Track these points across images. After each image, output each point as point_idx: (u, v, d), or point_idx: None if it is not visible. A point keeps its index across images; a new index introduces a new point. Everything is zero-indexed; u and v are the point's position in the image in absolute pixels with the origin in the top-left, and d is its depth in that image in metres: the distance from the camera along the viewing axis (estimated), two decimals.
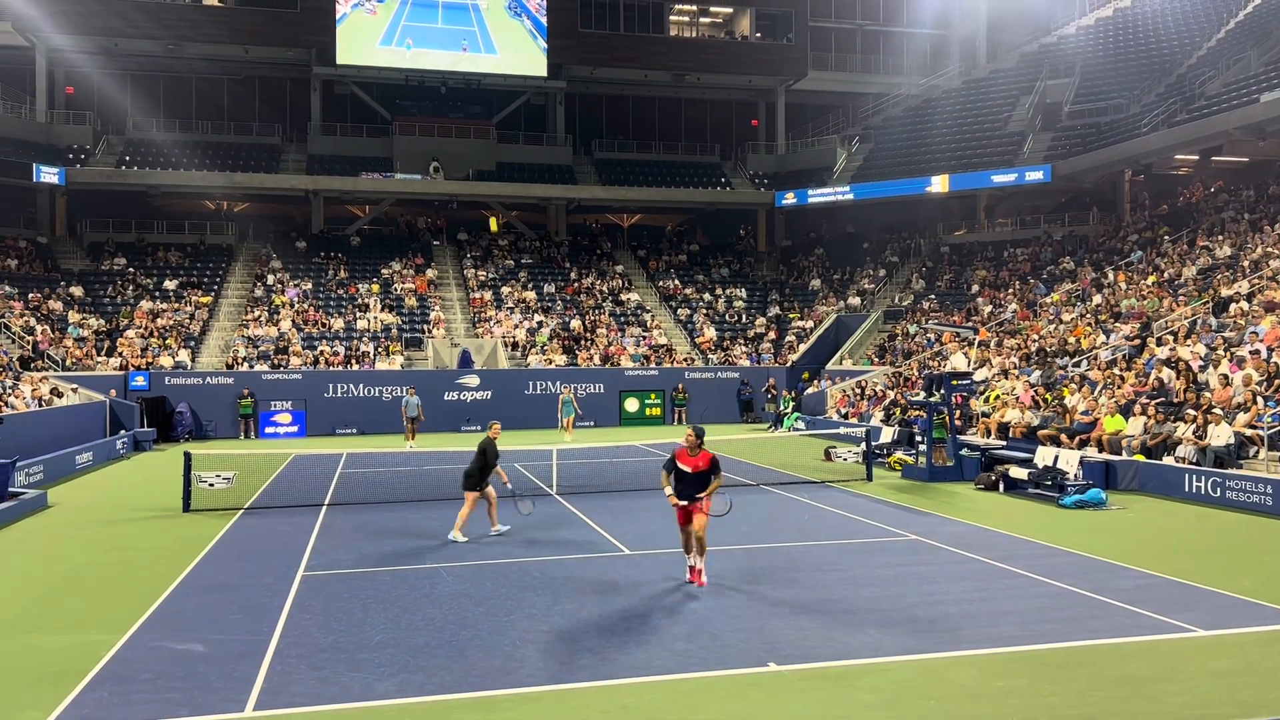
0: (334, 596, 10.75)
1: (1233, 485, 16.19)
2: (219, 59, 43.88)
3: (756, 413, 36.15)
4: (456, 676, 8.06)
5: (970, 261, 41.51)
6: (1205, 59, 39.09)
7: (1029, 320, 31.96)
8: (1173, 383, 20.54)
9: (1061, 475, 17.69)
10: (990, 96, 45.83)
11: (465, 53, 43.06)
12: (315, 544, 13.82)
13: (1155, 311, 26.77)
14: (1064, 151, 38.74)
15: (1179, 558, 12.37)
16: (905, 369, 31.52)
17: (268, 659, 8.57)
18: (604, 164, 46.96)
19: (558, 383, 33.85)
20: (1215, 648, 8.66)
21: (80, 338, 33.54)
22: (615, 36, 45.31)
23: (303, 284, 39.23)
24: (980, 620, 9.54)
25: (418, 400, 28.12)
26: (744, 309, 42.26)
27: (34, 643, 9.27)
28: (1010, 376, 26.02)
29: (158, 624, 9.78)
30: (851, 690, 7.70)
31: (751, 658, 8.44)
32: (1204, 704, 7.27)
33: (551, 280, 42.25)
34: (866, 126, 48.22)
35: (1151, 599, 10.22)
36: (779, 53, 47.39)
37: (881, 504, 17.09)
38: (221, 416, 31.66)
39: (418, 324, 37.77)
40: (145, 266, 39.33)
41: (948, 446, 20.35)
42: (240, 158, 42.73)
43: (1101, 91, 41.11)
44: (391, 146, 44.04)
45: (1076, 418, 20.85)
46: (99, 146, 41.67)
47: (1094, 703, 7.32)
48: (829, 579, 11.37)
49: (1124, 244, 35.73)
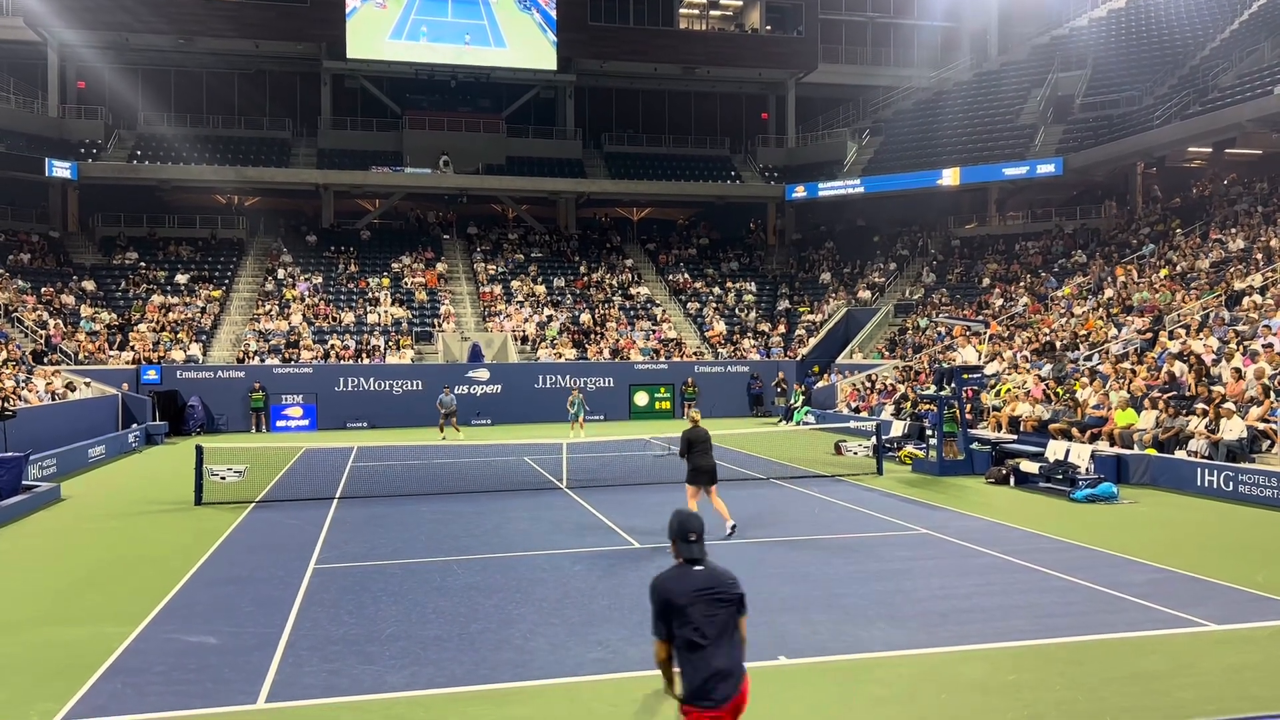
0: (345, 589, 10.79)
1: (1245, 479, 16.11)
2: (229, 54, 43.98)
3: (766, 406, 36.12)
4: (467, 669, 8.08)
5: (981, 255, 41.36)
6: (1218, 51, 38.83)
7: (1040, 314, 31.83)
8: (1185, 376, 20.43)
9: (1073, 469, 17.63)
10: (1001, 89, 45.61)
11: (470, 46, 43.00)
12: (326, 537, 13.87)
13: (1167, 305, 26.63)
14: (1076, 144, 38.55)
15: (1191, 552, 12.31)
16: (915, 363, 31.43)
17: (280, 651, 8.60)
18: (613, 157, 46.92)
19: (569, 377, 33.91)
20: (1228, 642, 8.62)
21: (92, 332, 33.69)
22: (625, 29, 45.22)
23: (313, 278, 39.33)
24: (991, 614, 9.52)
25: (453, 398, 28.94)
26: (754, 303, 42.20)
27: (48, 635, 9.33)
28: (1021, 370, 25.94)
29: (171, 616, 9.83)
30: (862, 684, 7.69)
31: (761, 651, 8.42)
32: (1216, 699, 7.24)
33: (561, 274, 42.26)
34: (877, 119, 48.06)
35: (1163, 593, 10.18)
36: (789, 45, 47.24)
37: (892, 498, 17.06)
38: (233, 410, 31.80)
39: (428, 318, 37.84)
40: (157, 261, 39.48)
41: (958, 440, 20.30)
42: (251, 152, 42.85)
43: (1114, 84, 40.88)
44: (401, 140, 44.09)
45: (1088, 411, 20.77)
46: (110, 141, 41.84)
47: (1106, 697, 7.30)
48: (839, 573, 11.35)
49: (1136, 237, 35.54)
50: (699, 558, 5.12)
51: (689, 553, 5.13)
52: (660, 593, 5.03)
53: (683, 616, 4.95)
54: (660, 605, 5.02)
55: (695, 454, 13.20)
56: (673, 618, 4.98)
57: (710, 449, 13.28)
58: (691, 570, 5.09)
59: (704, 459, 13.18)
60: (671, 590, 5.01)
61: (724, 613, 4.99)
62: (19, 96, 41.10)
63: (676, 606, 4.96)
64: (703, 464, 13.18)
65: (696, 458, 13.19)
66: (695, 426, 13.39)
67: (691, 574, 5.07)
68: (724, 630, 4.97)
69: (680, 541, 5.17)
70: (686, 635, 4.93)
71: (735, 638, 5.04)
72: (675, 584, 5.04)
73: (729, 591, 5.05)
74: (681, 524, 5.19)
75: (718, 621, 4.96)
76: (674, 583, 5.04)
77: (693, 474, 13.25)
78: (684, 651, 4.95)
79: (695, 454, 13.20)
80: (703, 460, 13.18)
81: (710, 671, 4.88)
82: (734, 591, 5.08)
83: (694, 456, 13.20)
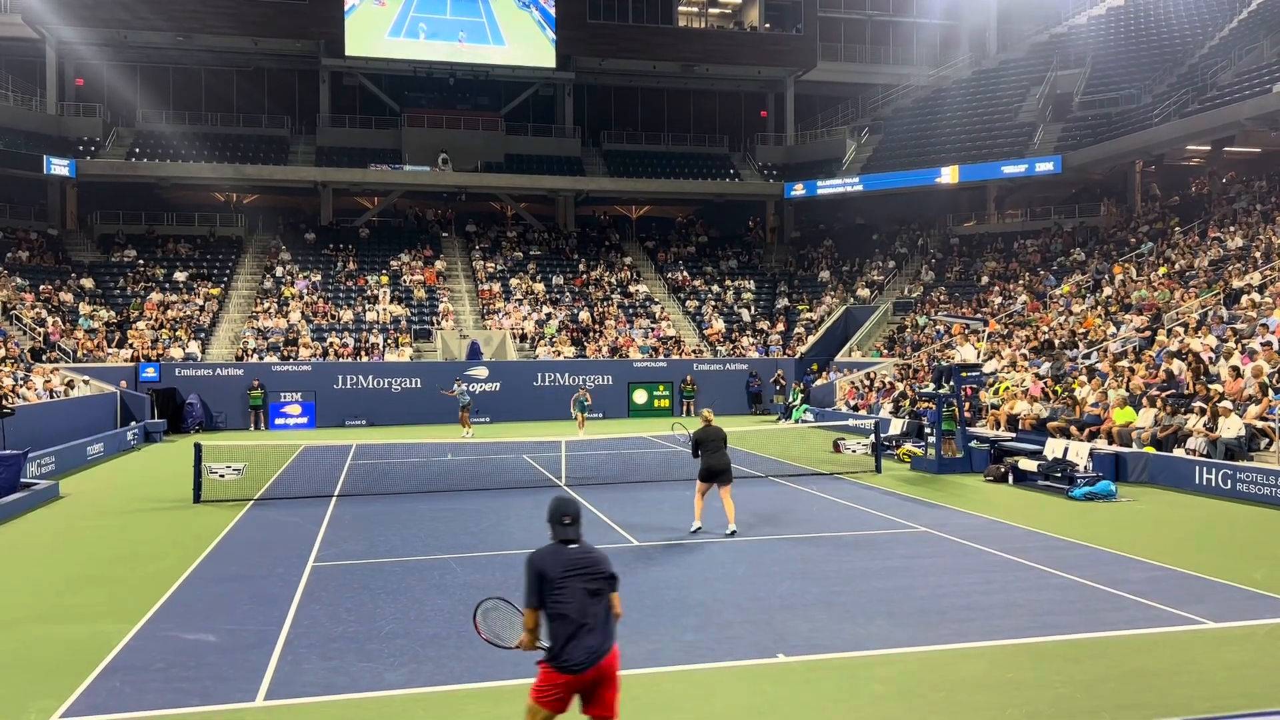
0: (344, 587, 10.79)
1: (1243, 477, 16.12)
2: (228, 51, 43.95)
3: (765, 404, 36.13)
4: (466, 666, 8.08)
5: (980, 253, 41.38)
6: (1217, 49, 38.83)
7: (1038, 312, 31.85)
8: (1183, 374, 20.44)
9: (1071, 467, 17.64)
10: (1000, 87, 45.60)
11: (463, 43, 42.90)
12: (325, 535, 13.87)
13: (1166, 303, 26.64)
14: (1075, 142, 38.56)
15: (1189, 550, 12.32)
16: (914, 361, 31.44)
17: (278, 649, 8.60)
18: (612, 155, 46.90)
19: (569, 375, 33.95)
20: (1226, 640, 8.63)
21: (91, 329, 33.68)
22: (623, 27, 45.19)
23: (312, 276, 39.31)
24: (990, 612, 9.52)
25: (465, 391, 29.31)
26: (753, 300, 42.20)
27: (46, 633, 9.33)
28: (1019, 368, 25.95)
29: (169, 614, 9.83)
30: (861, 681, 7.69)
31: (761, 649, 8.44)
32: (1214, 696, 7.25)
33: (560, 272, 42.25)
34: (876, 117, 48.03)
35: (1162, 591, 10.19)
36: (788, 43, 47.22)
37: (890, 496, 17.07)
38: (231, 408, 31.81)
39: (426, 316, 37.83)
40: (155, 258, 39.46)
41: (957, 438, 20.31)
42: (249, 150, 42.82)
43: (1113, 82, 40.88)
44: (400, 138, 44.06)
45: (1086, 409, 20.78)
46: (109, 139, 41.80)
47: (1104, 695, 7.31)
48: (838, 570, 11.36)
49: (1135, 235, 35.56)
50: (573, 538, 5.55)
51: (563, 534, 5.57)
52: (535, 566, 5.47)
53: (554, 590, 5.40)
54: (534, 578, 5.45)
55: (706, 453, 13.36)
56: (545, 590, 5.42)
57: (722, 448, 13.41)
58: (565, 549, 5.52)
59: (714, 458, 13.32)
60: (545, 565, 5.46)
61: (593, 588, 5.44)
62: (17, 94, 41.05)
63: (549, 580, 5.42)
64: (713, 463, 13.31)
65: (707, 456, 13.35)
66: (707, 426, 13.55)
67: (565, 552, 5.51)
68: (591, 604, 5.42)
69: (555, 524, 5.60)
70: (556, 607, 5.39)
71: (605, 614, 5.48)
72: (549, 560, 5.48)
73: (599, 570, 5.51)
74: (557, 507, 5.65)
75: (586, 596, 5.41)
76: (548, 559, 5.48)
77: (704, 472, 13.43)
78: (553, 621, 5.41)
79: (706, 453, 13.36)
80: (713, 460, 13.31)
81: (572, 640, 5.35)
82: (604, 570, 5.53)
83: (705, 455, 13.37)
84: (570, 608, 5.39)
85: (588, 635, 5.38)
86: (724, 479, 13.36)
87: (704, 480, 13.45)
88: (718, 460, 13.31)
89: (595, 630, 5.41)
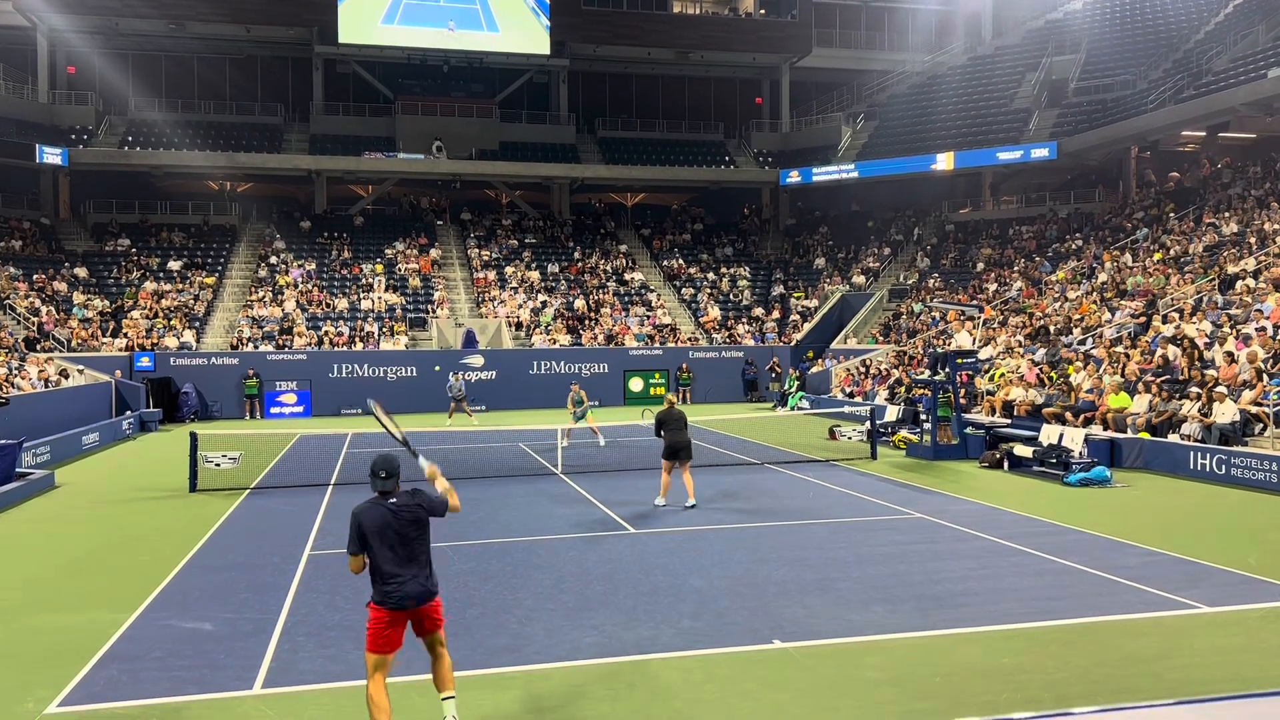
0: (341, 575, 10.77)
1: (1238, 462, 16.18)
2: (220, 39, 43.70)
3: (761, 392, 36.15)
4: (463, 654, 8.08)
5: (975, 239, 41.38)
6: (1212, 34, 38.78)
7: (1034, 298, 31.87)
8: (1178, 360, 20.48)
9: (1066, 453, 17.68)
10: (996, 73, 45.53)
11: (453, 30, 42.66)
12: (321, 523, 13.87)
13: (1161, 289, 26.67)
14: (1070, 128, 38.52)
15: (1184, 535, 12.38)
16: (910, 347, 31.47)
17: (275, 637, 8.62)
18: (607, 143, 46.77)
19: (565, 363, 33.91)
20: (1219, 624, 8.68)
21: (85, 319, 33.58)
22: (618, 14, 44.99)
23: (306, 264, 39.22)
24: (985, 597, 9.56)
25: (462, 383, 29.20)
26: (748, 288, 42.17)
27: (43, 622, 9.33)
28: (1015, 354, 25.98)
29: (166, 603, 9.83)
30: (857, 667, 7.72)
31: (757, 635, 8.47)
32: (1208, 680, 7.29)
33: (555, 260, 42.19)
34: (871, 104, 47.94)
35: (1156, 576, 10.23)
36: (783, 29, 47.06)
37: (886, 482, 17.11)
38: (227, 397, 31.74)
39: (422, 304, 37.77)
40: (149, 247, 39.33)
41: (952, 425, 20.34)
42: (242, 138, 42.63)
43: (1108, 68, 40.82)
44: (394, 126, 43.89)
45: (1081, 395, 20.82)
46: (101, 127, 41.60)
47: (1098, 679, 7.35)
48: (834, 557, 11.39)
49: (1130, 221, 35.57)
50: (389, 490, 6.27)
51: (380, 486, 6.29)
52: (356, 518, 6.22)
53: (373, 539, 6.15)
54: (355, 529, 6.21)
55: (668, 431, 14.49)
56: (366, 539, 6.18)
57: (683, 428, 14.52)
58: (385, 502, 6.23)
59: (676, 435, 14.45)
60: (365, 517, 6.20)
61: (407, 535, 6.19)
62: (9, 82, 40.82)
63: (368, 530, 6.17)
64: (674, 440, 14.45)
65: (669, 434, 14.48)
66: (670, 408, 14.83)
67: (383, 505, 6.22)
68: (406, 549, 6.18)
69: (373, 478, 6.30)
70: (375, 555, 6.17)
71: (421, 558, 6.26)
72: (369, 512, 6.22)
73: (414, 517, 6.24)
74: (374, 465, 6.32)
75: (403, 543, 6.18)
76: (368, 512, 6.22)
77: (667, 450, 14.55)
78: (375, 566, 6.18)
79: (668, 431, 14.49)
80: (674, 437, 14.46)
81: (391, 583, 6.14)
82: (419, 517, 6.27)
83: (667, 434, 14.50)
84: (385, 554, 6.11)
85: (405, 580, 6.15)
86: (684, 455, 14.45)
87: (667, 458, 14.54)
88: (678, 438, 14.40)
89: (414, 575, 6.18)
